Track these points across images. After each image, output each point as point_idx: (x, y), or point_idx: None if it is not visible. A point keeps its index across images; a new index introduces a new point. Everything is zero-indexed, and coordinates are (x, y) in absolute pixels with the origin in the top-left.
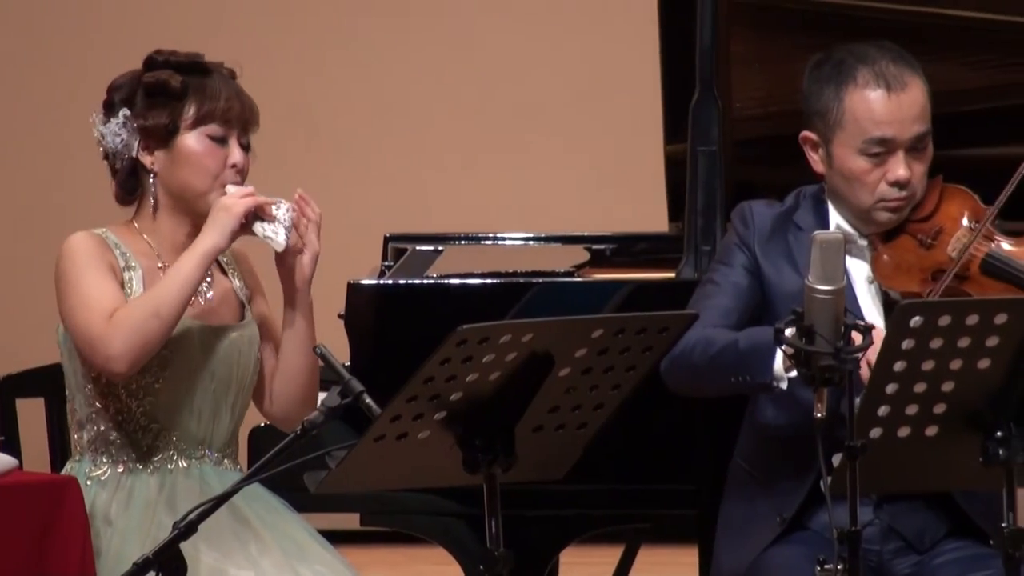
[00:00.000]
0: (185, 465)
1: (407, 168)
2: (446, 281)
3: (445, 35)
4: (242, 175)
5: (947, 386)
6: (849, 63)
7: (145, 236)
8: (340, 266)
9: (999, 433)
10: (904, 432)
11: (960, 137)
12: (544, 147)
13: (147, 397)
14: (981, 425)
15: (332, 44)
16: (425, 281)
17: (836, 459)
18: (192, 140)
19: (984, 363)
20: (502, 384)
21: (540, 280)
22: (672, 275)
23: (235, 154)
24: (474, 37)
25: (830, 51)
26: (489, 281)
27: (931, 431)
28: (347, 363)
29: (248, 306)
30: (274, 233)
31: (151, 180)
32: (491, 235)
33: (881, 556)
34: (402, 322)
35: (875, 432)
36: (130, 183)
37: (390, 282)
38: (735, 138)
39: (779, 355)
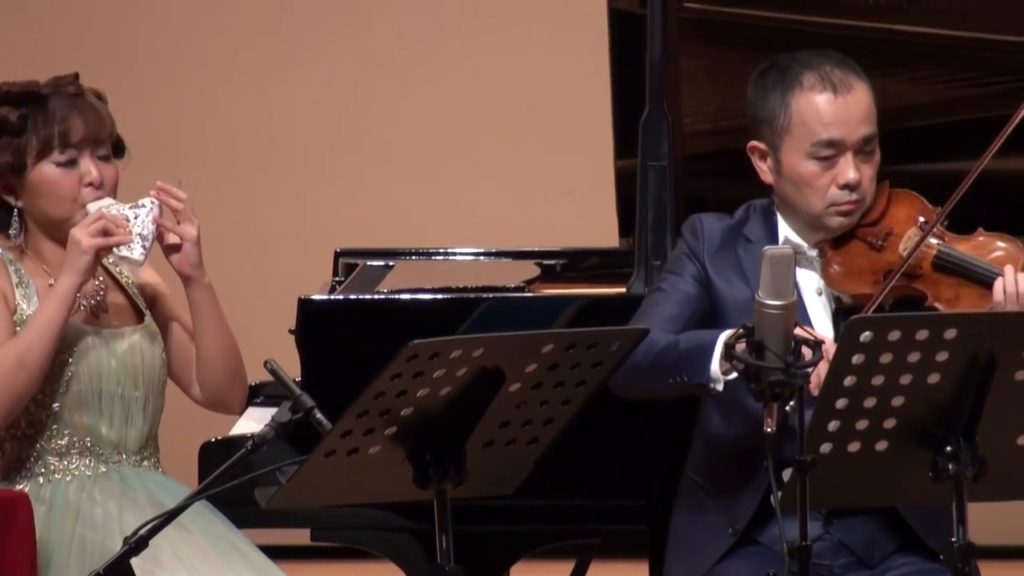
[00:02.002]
0: (104, 470)
1: (358, 183)
2: (397, 296)
3: (396, 52)
4: (104, 186)
5: (897, 401)
6: (794, 69)
7: (34, 258)
8: (291, 281)
9: (948, 448)
10: (854, 447)
11: (908, 153)
12: (494, 162)
13: (52, 403)
14: (930, 440)
15: (282, 59)
16: (376, 296)
17: (786, 474)
18: (41, 171)
19: (934, 378)
20: (453, 399)
21: (490, 295)
22: (622, 290)
23: (89, 172)
24: (425, 54)
25: (773, 60)
26: (440, 296)
27: (881, 446)
28: (298, 378)
29: (146, 307)
30: (129, 251)
31: (16, 215)
32: (442, 250)
33: (831, 571)
34: (353, 337)
35: (825, 447)
36: (2, 219)
37: (341, 297)
38: (685, 153)
39: (716, 357)
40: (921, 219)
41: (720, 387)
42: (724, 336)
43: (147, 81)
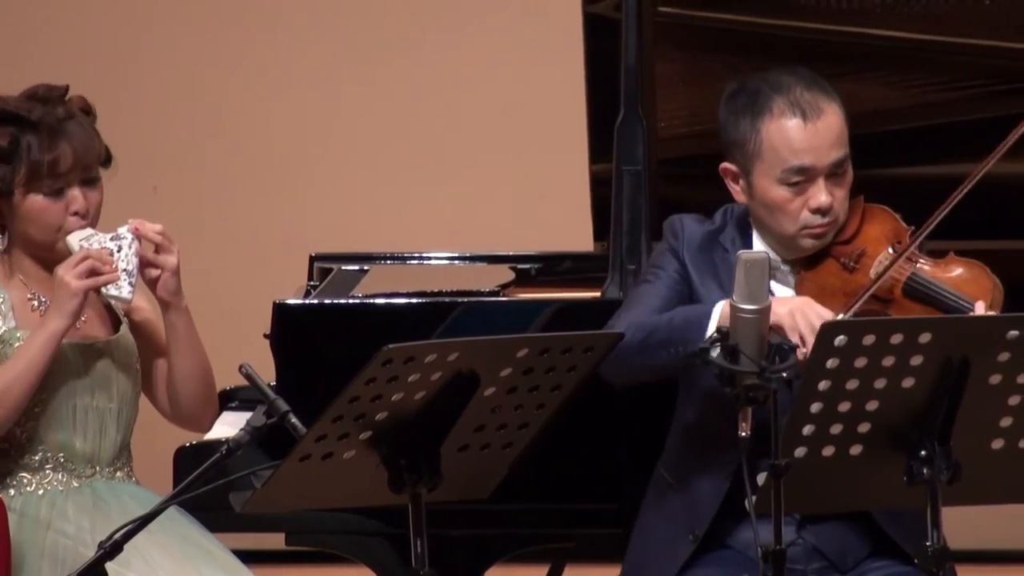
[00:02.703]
0: (76, 484)
1: (332, 188)
2: (372, 301)
3: (372, 57)
4: (88, 214)
5: (871, 405)
6: (764, 92)
7: (12, 269)
8: (266, 286)
9: (923, 452)
10: (829, 451)
11: (885, 157)
12: (469, 166)
13: (28, 422)
14: (905, 444)
15: (258, 64)
16: (351, 301)
17: (761, 478)
18: (28, 200)
19: (908, 382)
20: (427, 404)
21: (465, 300)
22: (597, 294)
23: (75, 202)
24: (400, 59)
25: (744, 81)
26: (414, 301)
27: (855, 450)
28: (273, 383)
29: (123, 318)
30: (117, 291)
31: (3, 233)
32: (416, 254)
33: (804, 575)
34: (328, 342)
35: (800, 451)
36: None
37: (315, 302)
38: (660, 157)
39: (713, 323)
40: (896, 242)
41: (716, 352)
42: (719, 305)
43: (122, 85)
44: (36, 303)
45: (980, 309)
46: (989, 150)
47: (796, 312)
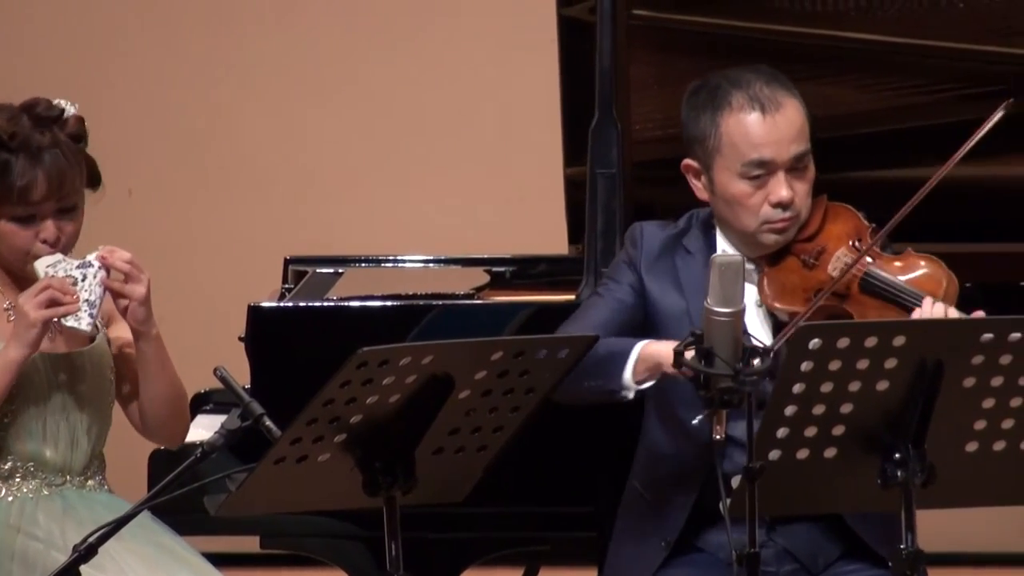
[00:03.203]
0: (47, 492)
1: (307, 191)
2: (346, 304)
3: (344, 57)
4: (59, 243)
5: (846, 408)
6: (723, 88)
7: None
8: (240, 288)
9: (897, 455)
10: (803, 454)
11: (859, 160)
12: (444, 169)
13: None
14: (879, 447)
15: (231, 66)
16: (325, 304)
17: (735, 481)
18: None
19: (883, 385)
20: (402, 406)
21: (440, 303)
22: (572, 297)
23: (45, 231)
24: (374, 62)
25: (706, 78)
26: (389, 304)
27: (830, 453)
28: (247, 386)
29: (101, 328)
30: (76, 322)
31: None
32: (391, 257)
33: None
34: (302, 345)
35: (774, 454)
36: None
37: (290, 305)
38: (634, 160)
39: (630, 365)
40: (855, 240)
41: (631, 395)
42: (638, 347)
43: (97, 88)
44: (12, 315)
45: (927, 304)
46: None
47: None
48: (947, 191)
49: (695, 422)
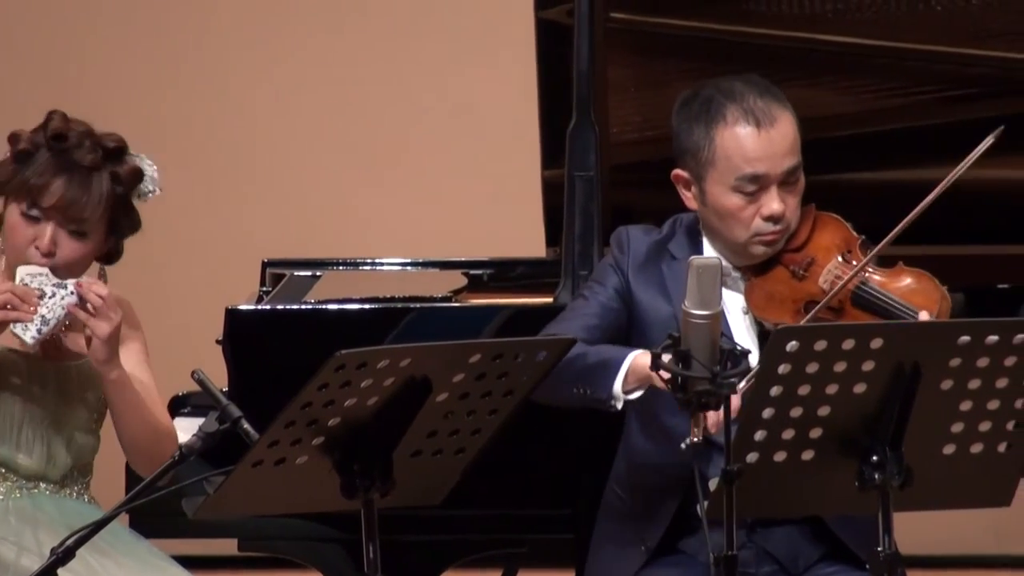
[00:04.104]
0: (18, 495)
1: (285, 193)
2: (324, 307)
3: (322, 61)
4: (53, 257)
5: (823, 411)
6: (718, 100)
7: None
8: (218, 291)
9: (874, 457)
10: (780, 457)
11: (836, 162)
12: (422, 172)
13: None
14: (857, 450)
15: (206, 70)
16: (303, 306)
17: (713, 483)
18: (9, 210)
19: (860, 387)
20: (380, 409)
21: (418, 305)
22: (550, 300)
23: (41, 238)
24: (352, 63)
25: (697, 88)
26: (367, 306)
27: (807, 456)
28: (225, 388)
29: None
30: (23, 331)
31: None
32: (369, 260)
33: None
34: (280, 348)
35: (751, 457)
36: None
37: (268, 307)
38: (612, 163)
39: (621, 375)
40: (845, 251)
41: (619, 405)
42: (631, 357)
43: (66, 90)
44: None
45: (924, 318)
46: (940, 156)
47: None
48: (923, 194)
49: (683, 446)
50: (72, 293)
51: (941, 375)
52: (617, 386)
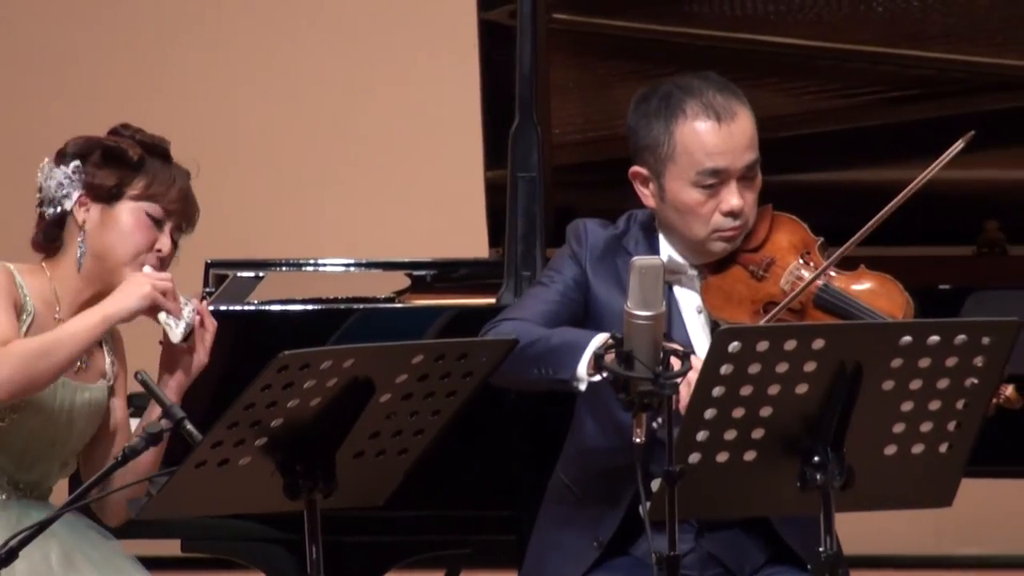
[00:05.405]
0: (3, 496)
1: (228, 194)
2: (267, 307)
3: (267, 62)
4: (164, 264)
5: (765, 411)
6: (677, 96)
7: (54, 284)
8: None
9: (816, 458)
10: (723, 457)
11: (779, 163)
12: (364, 173)
13: None
14: (799, 450)
15: (151, 69)
16: (246, 307)
17: (655, 484)
18: (130, 210)
19: (802, 388)
20: (323, 410)
21: (361, 306)
22: (493, 301)
23: (164, 241)
24: (295, 64)
25: (655, 85)
26: (310, 307)
27: (749, 456)
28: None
29: (108, 380)
30: (175, 324)
31: (80, 235)
32: (312, 261)
33: None
34: (224, 348)
35: (694, 457)
36: (52, 232)
37: (211, 309)
38: (555, 164)
39: (586, 356)
40: (804, 252)
41: (583, 387)
42: (597, 339)
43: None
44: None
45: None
46: (882, 157)
47: None
48: (867, 195)
49: (637, 440)
50: (195, 311)
51: (883, 376)
52: (581, 368)
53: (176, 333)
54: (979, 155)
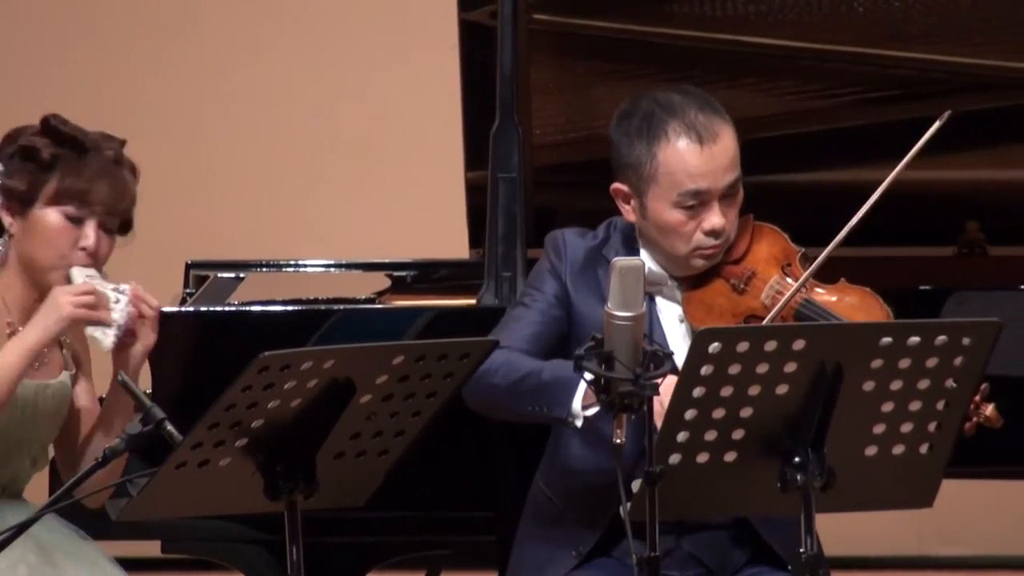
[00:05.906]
0: None
1: (208, 195)
2: (248, 308)
3: (246, 62)
4: (97, 258)
5: (745, 412)
6: (659, 116)
7: (2, 292)
8: None
9: (796, 459)
10: (703, 458)
11: (758, 164)
12: (345, 174)
13: None
14: (779, 451)
15: (130, 70)
16: (227, 308)
17: (635, 485)
18: (47, 215)
19: (782, 389)
20: (304, 411)
21: (341, 307)
22: (473, 301)
23: (88, 237)
24: (275, 64)
25: (635, 101)
26: (291, 308)
27: (730, 457)
28: (149, 391)
29: (71, 369)
30: (103, 336)
31: (6, 239)
32: (292, 262)
33: None
34: (204, 349)
35: (674, 458)
36: None
37: (191, 309)
38: (535, 164)
39: (579, 392)
40: (785, 264)
41: (579, 423)
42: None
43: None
44: (11, 333)
45: None
46: (861, 157)
47: None
48: (847, 195)
49: (617, 441)
50: (130, 300)
51: (863, 376)
52: (576, 404)
53: (105, 343)
54: (959, 156)
